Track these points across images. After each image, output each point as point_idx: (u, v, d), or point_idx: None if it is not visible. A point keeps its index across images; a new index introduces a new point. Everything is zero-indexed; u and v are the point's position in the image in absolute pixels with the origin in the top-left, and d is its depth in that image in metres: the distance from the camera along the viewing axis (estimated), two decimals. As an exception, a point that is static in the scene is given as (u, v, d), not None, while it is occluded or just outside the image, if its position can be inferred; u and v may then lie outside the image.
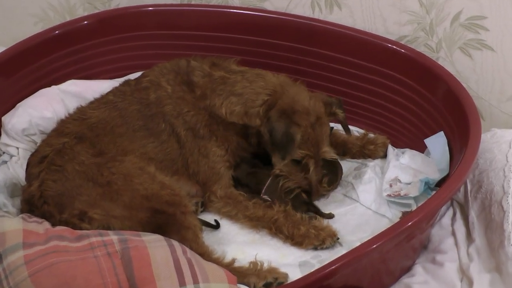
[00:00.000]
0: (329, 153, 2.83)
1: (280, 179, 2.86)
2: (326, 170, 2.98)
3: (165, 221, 2.59)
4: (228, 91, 2.87)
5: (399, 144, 3.26)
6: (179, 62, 3.00)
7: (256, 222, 2.81)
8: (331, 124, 3.36)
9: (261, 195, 2.89)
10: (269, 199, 2.86)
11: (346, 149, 3.23)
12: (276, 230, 2.76)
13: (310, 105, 2.77)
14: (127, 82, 3.06)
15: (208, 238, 2.80)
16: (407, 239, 2.48)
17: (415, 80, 3.14)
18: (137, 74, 3.19)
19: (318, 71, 3.43)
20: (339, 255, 2.33)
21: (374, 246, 2.28)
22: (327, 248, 2.70)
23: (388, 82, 3.25)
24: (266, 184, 2.90)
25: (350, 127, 3.38)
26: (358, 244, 2.47)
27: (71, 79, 3.44)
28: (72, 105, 3.19)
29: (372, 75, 3.29)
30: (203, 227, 2.80)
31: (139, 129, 2.86)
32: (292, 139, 2.71)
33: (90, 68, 3.55)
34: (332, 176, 3.00)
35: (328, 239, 2.70)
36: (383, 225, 2.80)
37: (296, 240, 2.72)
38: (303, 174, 2.85)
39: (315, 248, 2.70)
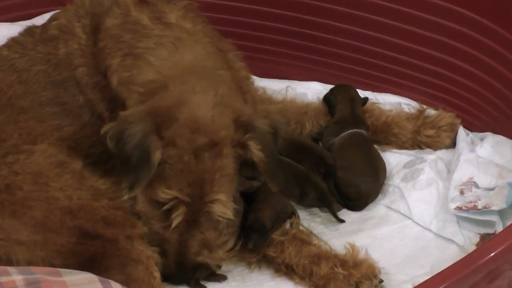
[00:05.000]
0: (221, 207, 2.61)
1: None
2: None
3: (101, 251, 2.58)
4: (130, 46, 2.78)
5: (476, 125, 3.27)
6: None
7: (252, 254, 2.83)
8: (367, 94, 3.37)
9: None
10: None
11: (390, 135, 3.25)
12: (286, 267, 2.77)
13: (206, 117, 2.58)
14: (30, 30, 3.06)
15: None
16: (488, 279, 2.42)
17: (499, 23, 3.14)
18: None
19: (349, 12, 3.49)
20: (380, 304, 2.39)
21: (437, 290, 2.28)
22: (363, 295, 2.71)
23: (456, 26, 3.27)
24: None
25: (397, 98, 3.44)
26: (410, 287, 2.50)
27: None
28: None
29: (430, 14, 3.31)
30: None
31: (47, 103, 2.86)
32: (147, 156, 2.55)
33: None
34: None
35: (365, 282, 2.68)
36: (450, 255, 2.81)
37: (316, 282, 2.72)
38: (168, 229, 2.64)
39: (346, 295, 2.72)
